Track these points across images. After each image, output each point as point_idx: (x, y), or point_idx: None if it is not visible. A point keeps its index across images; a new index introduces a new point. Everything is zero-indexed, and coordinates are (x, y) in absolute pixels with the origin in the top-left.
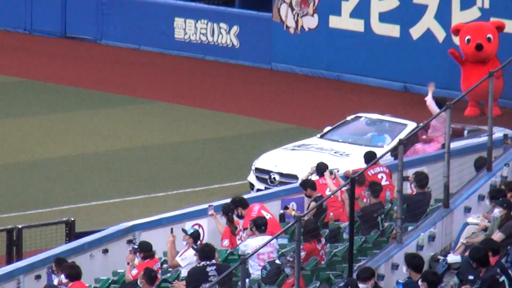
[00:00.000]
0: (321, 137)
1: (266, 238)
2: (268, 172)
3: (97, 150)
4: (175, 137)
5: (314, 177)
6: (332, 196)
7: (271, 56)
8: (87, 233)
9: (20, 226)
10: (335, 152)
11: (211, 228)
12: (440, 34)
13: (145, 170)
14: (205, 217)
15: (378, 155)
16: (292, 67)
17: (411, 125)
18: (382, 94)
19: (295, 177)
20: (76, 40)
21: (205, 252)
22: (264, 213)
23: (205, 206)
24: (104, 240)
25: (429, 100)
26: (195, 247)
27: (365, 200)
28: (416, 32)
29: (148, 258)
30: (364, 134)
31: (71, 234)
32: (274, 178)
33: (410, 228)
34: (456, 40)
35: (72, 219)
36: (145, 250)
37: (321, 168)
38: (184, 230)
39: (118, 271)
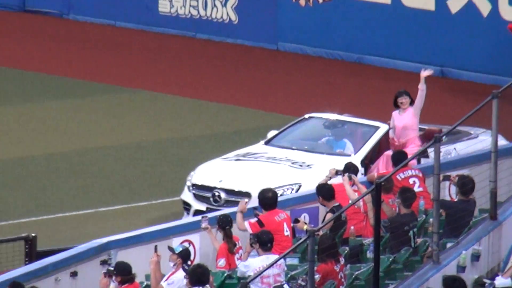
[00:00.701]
0: (267, 143)
1: (272, 257)
2: (210, 188)
3: (63, 150)
4: (160, 134)
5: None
6: (352, 206)
7: (277, 34)
8: (52, 252)
9: None
10: (293, 163)
11: (204, 245)
12: (484, 6)
13: (123, 174)
14: (197, 231)
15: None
16: (302, 48)
17: (383, 128)
18: (414, 80)
19: (247, 195)
20: (37, 15)
21: (197, 275)
22: (285, 227)
23: (198, 218)
24: (73, 261)
25: (421, 89)
26: (185, 268)
27: (393, 209)
28: (454, 4)
29: (127, 282)
30: (319, 139)
31: (32, 253)
32: (219, 196)
33: (449, 245)
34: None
35: (33, 235)
36: (123, 272)
37: (349, 170)
38: (170, 248)
39: None
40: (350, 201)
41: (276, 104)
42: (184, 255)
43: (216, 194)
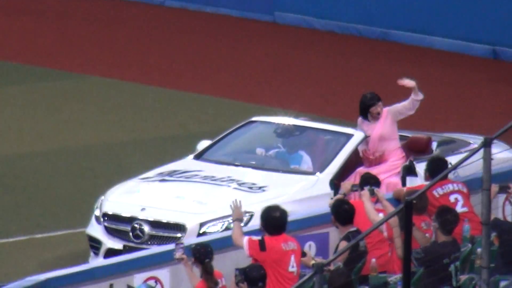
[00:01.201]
0: (198, 157)
1: None
2: (129, 220)
3: None
4: (118, 135)
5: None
6: (375, 231)
7: (274, 2)
8: None
9: None
10: (240, 184)
11: (176, 284)
12: None
13: (66, 188)
14: (166, 265)
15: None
16: (307, 19)
17: (358, 136)
18: (457, 63)
19: (181, 227)
20: None
21: None
22: (291, 261)
23: (169, 246)
24: None
25: (418, 99)
26: None
27: (427, 235)
28: None
29: None
30: (268, 151)
31: None
32: (141, 230)
33: (503, 283)
34: None
35: None
36: None
37: (368, 183)
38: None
39: None
40: (372, 225)
41: (272, 95)
42: None
43: (138, 227)
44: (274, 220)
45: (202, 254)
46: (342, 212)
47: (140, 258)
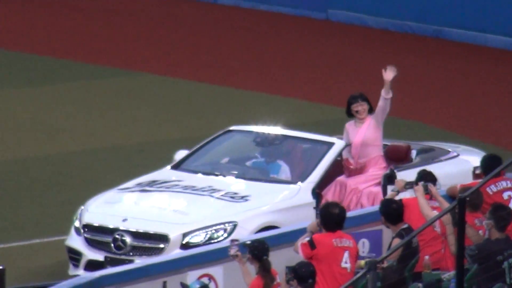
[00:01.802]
0: (176, 167)
1: None
2: (111, 231)
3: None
4: (171, 132)
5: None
6: (429, 228)
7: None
8: None
9: None
10: (222, 194)
11: (230, 281)
12: None
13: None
14: (220, 262)
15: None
16: (360, 17)
17: (338, 144)
18: (510, 61)
19: (163, 238)
20: None
21: None
22: (344, 257)
23: (222, 244)
24: None
25: (386, 96)
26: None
27: (481, 232)
28: None
29: None
30: (247, 160)
31: None
32: (122, 241)
33: None
34: None
35: (0, 267)
36: None
37: (425, 179)
38: (184, 286)
39: None
40: (424, 222)
41: (326, 94)
42: None
43: (119, 238)
44: (333, 216)
45: (260, 251)
46: (391, 211)
47: (194, 255)
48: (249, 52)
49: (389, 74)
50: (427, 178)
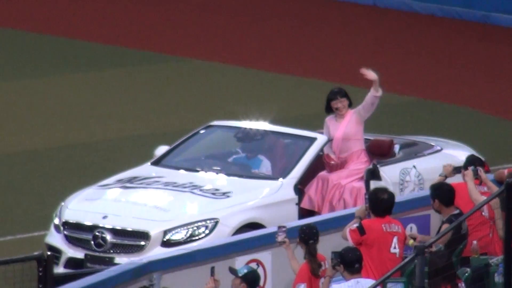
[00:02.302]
0: (156, 163)
1: (364, 282)
2: (91, 228)
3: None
4: (219, 118)
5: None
6: (478, 212)
7: None
8: (72, 277)
9: None
10: (204, 191)
11: (278, 266)
12: None
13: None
14: (269, 248)
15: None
16: (407, 2)
17: (321, 140)
18: None
19: (144, 235)
20: None
21: None
22: (393, 243)
23: (272, 229)
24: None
25: (376, 95)
26: None
27: None
28: None
29: None
30: (228, 155)
31: (47, 277)
32: (103, 238)
33: None
34: None
35: (48, 253)
36: None
37: (473, 164)
38: (233, 270)
39: None
40: (473, 206)
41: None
42: (250, 279)
43: (99, 235)
44: (382, 202)
45: (307, 234)
46: (446, 192)
47: (243, 240)
48: (296, 38)
49: (372, 74)
50: (476, 163)
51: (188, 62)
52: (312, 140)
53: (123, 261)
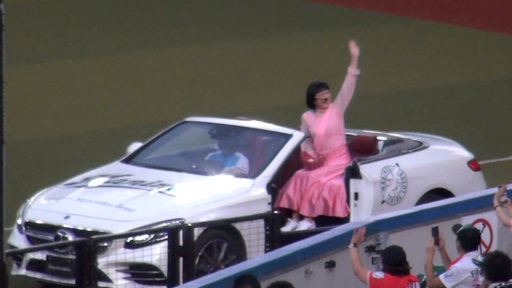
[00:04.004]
0: (127, 161)
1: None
2: (53, 228)
3: None
4: (447, 80)
5: None
6: None
7: None
8: (299, 236)
9: None
10: (171, 190)
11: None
12: None
13: None
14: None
15: None
16: None
17: (297, 136)
18: None
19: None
20: None
21: (495, 267)
22: None
23: (492, 190)
24: (328, 248)
25: (353, 74)
26: (476, 260)
27: None
28: None
29: (396, 274)
30: (205, 153)
31: (275, 236)
32: (65, 239)
33: None
34: None
35: (276, 212)
36: (390, 262)
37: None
38: (456, 228)
39: None
40: None
41: None
42: (467, 239)
43: (62, 236)
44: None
45: None
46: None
47: (469, 200)
48: None
49: (354, 49)
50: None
51: (413, 23)
52: (288, 137)
53: None
